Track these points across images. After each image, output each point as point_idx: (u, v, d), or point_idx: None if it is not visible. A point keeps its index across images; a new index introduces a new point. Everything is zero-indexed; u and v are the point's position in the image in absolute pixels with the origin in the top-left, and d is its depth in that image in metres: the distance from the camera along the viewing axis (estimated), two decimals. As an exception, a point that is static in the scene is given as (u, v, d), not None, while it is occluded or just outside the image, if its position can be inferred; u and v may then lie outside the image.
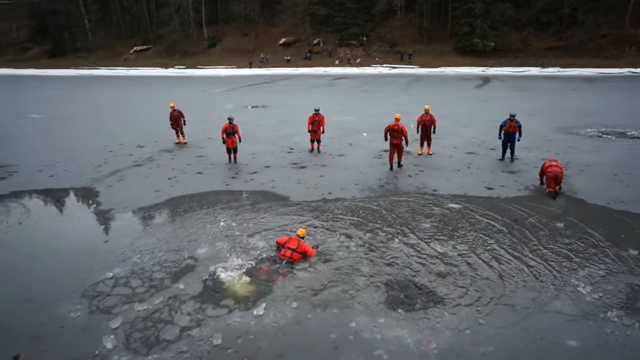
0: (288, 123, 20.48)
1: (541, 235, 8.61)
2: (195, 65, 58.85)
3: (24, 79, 53.04)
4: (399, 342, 5.70)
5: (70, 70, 61.82)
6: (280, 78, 44.71)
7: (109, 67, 62.85)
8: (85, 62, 66.15)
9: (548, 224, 9.13)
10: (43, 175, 13.30)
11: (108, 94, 35.45)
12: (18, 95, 35.04)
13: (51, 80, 49.79)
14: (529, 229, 8.92)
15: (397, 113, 13.64)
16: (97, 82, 46.37)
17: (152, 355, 5.55)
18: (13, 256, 8.30)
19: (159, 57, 64.93)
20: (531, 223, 9.19)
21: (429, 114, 14.07)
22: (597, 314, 6.20)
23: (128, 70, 59.41)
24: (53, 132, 19.89)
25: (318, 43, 57.82)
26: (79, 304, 6.67)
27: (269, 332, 5.97)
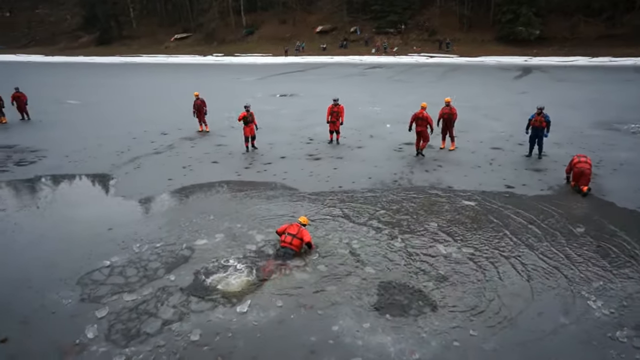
0: (312, 113, 20.21)
1: (557, 241, 7.99)
2: (232, 53, 59.45)
3: (73, 65, 55.39)
4: (380, 350, 5.41)
5: (115, 57, 64.04)
6: (315, 66, 44.40)
7: (151, 54, 64.59)
8: (128, 50, 68.32)
9: (567, 227, 8.48)
10: (68, 161, 13.75)
11: (146, 81, 36.38)
12: (62, 82, 36.58)
13: (96, 67, 51.75)
14: (545, 232, 8.31)
15: (426, 103, 13.13)
16: (138, 69, 47.74)
17: (130, 348, 5.54)
18: (24, 239, 8.57)
19: (198, 44, 66.01)
20: (548, 226, 8.56)
21: (449, 106, 13.37)
22: (605, 332, 5.65)
23: (168, 58, 60.81)
24: (86, 118, 20.56)
25: (355, 31, 56.89)
26: (72, 291, 6.78)
27: (249, 330, 5.83)
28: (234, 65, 50.14)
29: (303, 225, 7.77)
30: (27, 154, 14.62)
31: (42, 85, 33.14)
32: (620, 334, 5.60)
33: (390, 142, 15.01)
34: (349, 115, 19.24)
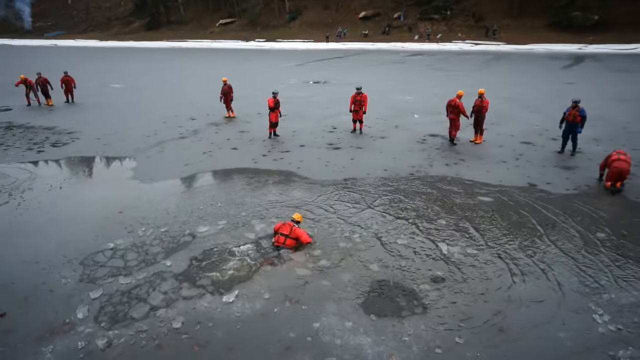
0: (341, 101, 19.88)
1: (573, 246, 7.42)
2: (274, 39, 59.66)
3: (123, 50, 57.63)
4: (357, 352, 5.24)
5: (162, 42, 66.04)
6: (354, 53, 43.74)
7: (196, 39, 66.02)
8: (175, 35, 70.15)
9: (588, 232, 7.85)
10: (98, 143, 14.29)
11: (187, 65, 37.20)
12: (110, 66, 38.11)
13: (144, 52, 53.53)
14: (561, 236, 7.74)
15: (463, 91, 12.83)
16: (182, 54, 48.94)
17: (113, 331, 5.68)
18: (42, 218, 8.98)
19: (242, 30, 66.72)
20: (567, 229, 7.97)
21: (481, 98, 12.68)
22: (606, 350, 5.18)
23: (212, 43, 61.94)
24: (124, 102, 21.30)
25: (398, 17, 55.40)
26: (74, 271, 7.03)
27: (230, 321, 5.81)
28: (274, 50, 50.31)
29: (297, 222, 7.61)
30: (63, 136, 15.33)
31: (91, 69, 34.69)
32: (624, 354, 5.12)
33: (414, 133, 14.51)
34: (378, 104, 18.90)
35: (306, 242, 7.54)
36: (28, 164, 12.33)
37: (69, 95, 21.55)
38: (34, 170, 11.80)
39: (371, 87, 23.47)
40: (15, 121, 17.70)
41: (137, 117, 17.69)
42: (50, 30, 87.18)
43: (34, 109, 20.11)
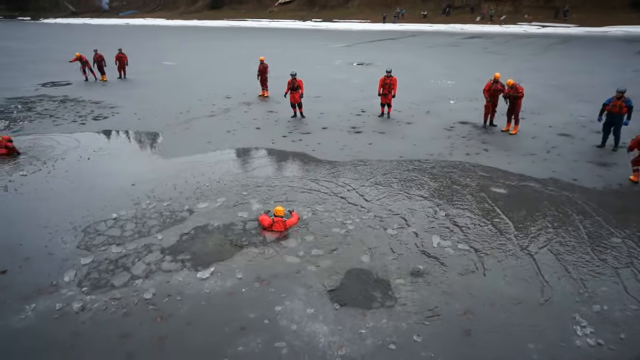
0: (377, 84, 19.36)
1: (577, 249, 6.80)
2: (331, 19, 59.05)
3: (185, 29, 59.71)
4: (309, 339, 5.18)
5: (223, 21, 67.55)
6: (409, 35, 42.29)
7: (255, 18, 66.86)
8: (236, 14, 71.50)
9: (601, 235, 7.15)
10: (134, 118, 15.02)
11: (241, 44, 37.85)
12: (168, 44, 39.67)
13: (203, 31, 55.14)
14: (571, 237, 7.11)
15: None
16: (239, 33, 49.82)
17: (90, 296, 6.02)
18: (63, 187, 9.64)
19: (300, 9, 66.62)
20: (577, 230, 7.31)
21: (514, 87, 11.80)
22: (577, 366, 4.74)
23: (270, 23, 62.43)
24: (170, 79, 22.13)
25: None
26: (74, 237, 7.52)
27: (197, 297, 5.96)
28: (329, 31, 49.84)
29: (282, 216, 7.54)
30: (106, 110, 16.26)
31: (151, 47, 36.33)
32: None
33: (444, 120, 13.86)
34: (416, 88, 18.26)
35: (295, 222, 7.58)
36: (68, 135, 13.22)
37: (122, 71, 22.73)
38: (70, 141, 12.64)
39: (415, 70, 22.74)
40: (70, 95, 18.99)
41: (176, 94, 18.33)
42: (124, 9, 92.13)
43: (89, 84, 21.45)
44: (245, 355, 4.97)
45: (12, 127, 14.26)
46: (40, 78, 22.91)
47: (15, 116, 15.64)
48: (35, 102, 17.74)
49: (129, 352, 5.04)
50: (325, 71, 23.43)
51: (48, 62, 28.46)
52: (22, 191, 9.46)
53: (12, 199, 9.11)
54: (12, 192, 9.41)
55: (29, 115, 15.71)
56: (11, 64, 27.90)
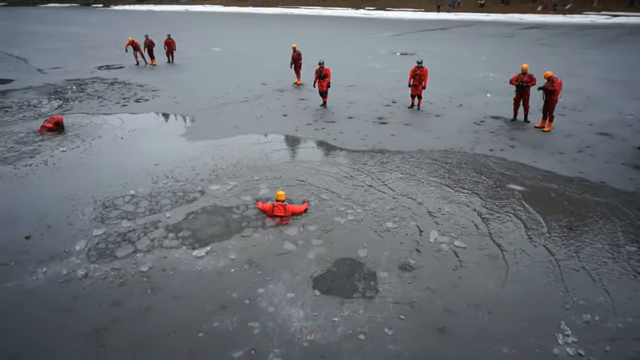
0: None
1: (583, 254, 6.43)
2: (384, 7, 57.95)
3: (239, 15, 60.95)
4: (282, 322, 5.32)
5: (277, 8, 68.17)
6: (462, 24, 40.72)
7: (309, 6, 66.91)
8: (290, 1, 71.81)
9: (615, 242, 6.70)
10: (172, 102, 15.70)
11: (289, 32, 38.13)
12: (218, 31, 40.72)
13: (257, 18, 56.00)
14: (578, 240, 6.73)
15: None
16: (290, 21, 50.17)
17: (94, 265, 6.50)
18: (94, 163, 10.34)
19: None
20: (589, 233, 6.90)
21: (550, 81, 11.16)
22: (547, 374, 4.55)
23: (323, 10, 62.25)
24: (213, 65, 22.82)
25: (524, -17, 49.66)
26: (94, 210, 8.09)
27: (188, 274, 6.26)
28: (379, 19, 48.99)
29: (284, 200, 7.67)
30: (148, 93, 17.10)
31: (202, 33, 37.50)
32: (567, 382, 4.45)
33: (475, 114, 13.37)
34: (454, 79, 17.70)
35: (302, 211, 7.67)
36: (110, 116, 14.08)
37: (170, 56, 23.71)
38: (110, 122, 13.46)
39: (458, 61, 21.98)
40: (120, 78, 20.12)
41: (216, 80, 18.91)
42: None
43: (139, 68, 22.58)
44: (219, 331, 5.19)
45: (64, 107, 15.36)
46: (98, 62, 24.39)
47: (69, 96, 16.83)
48: (88, 83, 18.96)
49: (115, 318, 5.42)
50: (366, 60, 23.20)
51: (108, 47, 30.18)
52: (59, 165, 10.24)
53: (49, 172, 9.90)
54: (50, 166, 10.21)
55: (80, 95, 16.85)
56: (76, 49, 29.85)
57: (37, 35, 35.96)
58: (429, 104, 14.40)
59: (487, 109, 13.75)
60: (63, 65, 23.44)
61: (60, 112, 14.45)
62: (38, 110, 14.96)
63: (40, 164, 10.32)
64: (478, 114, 13.30)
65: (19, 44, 31.52)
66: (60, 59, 24.98)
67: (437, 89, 16.13)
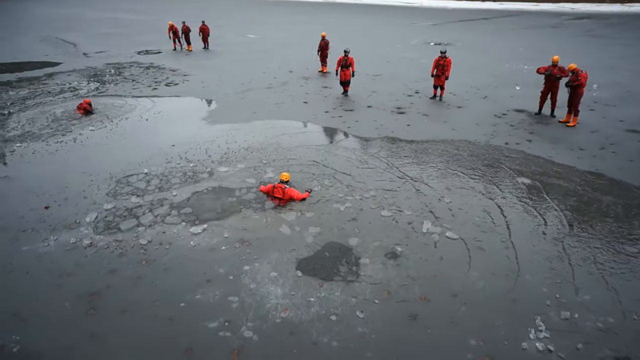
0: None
1: (581, 250, 6.23)
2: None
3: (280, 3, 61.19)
4: (261, 298, 5.54)
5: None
6: (507, 14, 39.11)
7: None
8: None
9: (615, 242, 6.45)
10: (199, 86, 16.19)
11: (328, 21, 38.02)
12: (256, 17, 41.13)
13: (298, 5, 56.05)
14: (577, 239, 6.53)
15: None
16: (335, 9, 49.85)
17: (99, 236, 6.96)
18: (117, 143, 10.91)
19: (398, -15, 64.43)
20: (591, 232, 6.66)
21: (575, 74, 10.68)
22: (511, 366, 4.52)
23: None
24: (245, 51, 23.19)
25: (578, -29, 46.85)
26: (108, 186, 8.61)
27: (182, 249, 6.59)
28: (421, 9, 47.82)
29: (286, 182, 7.84)
30: (179, 77, 17.70)
31: (240, 19, 38.05)
32: (529, 376, 4.41)
33: (499, 106, 12.98)
34: (484, 70, 17.24)
35: (300, 198, 7.83)
36: (140, 98, 14.72)
37: (205, 42, 24.31)
38: (139, 104, 14.09)
39: (493, 52, 21.29)
40: (155, 62, 20.88)
41: (246, 66, 19.26)
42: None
43: (175, 53, 23.32)
44: (200, 302, 5.48)
45: (100, 89, 16.19)
46: (139, 47, 25.35)
47: (106, 79, 17.69)
48: (126, 67, 19.82)
49: (108, 285, 5.83)
50: (398, 50, 22.86)
51: (150, 33, 31.23)
52: (85, 143, 10.89)
53: (76, 149, 10.56)
54: (78, 144, 10.89)
55: (116, 79, 17.67)
56: (121, 34, 31.09)
57: (91, 22, 37.67)
58: (453, 95, 14.11)
59: (513, 102, 13.31)
60: (107, 49, 24.54)
61: (96, 94, 15.25)
62: (77, 92, 15.84)
63: (69, 141, 11.01)
64: (501, 107, 12.91)
65: (74, 29, 33.15)
66: (106, 44, 26.15)
67: (465, 80, 15.75)
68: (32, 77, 18.25)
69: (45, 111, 13.50)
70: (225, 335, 4.98)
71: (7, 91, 15.97)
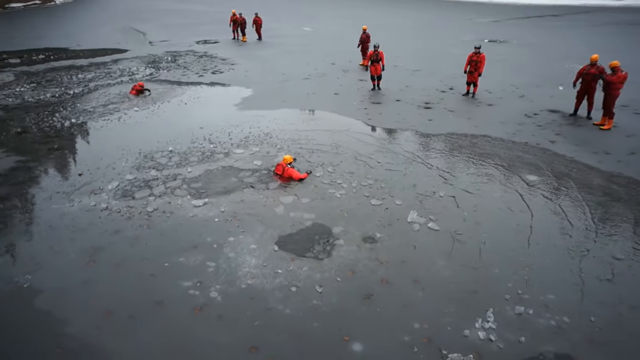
0: (497, 63, 17.90)
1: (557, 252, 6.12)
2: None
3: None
4: (235, 266, 6.05)
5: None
6: (582, 11, 36.55)
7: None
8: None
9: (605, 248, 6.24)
10: (242, 75, 17.04)
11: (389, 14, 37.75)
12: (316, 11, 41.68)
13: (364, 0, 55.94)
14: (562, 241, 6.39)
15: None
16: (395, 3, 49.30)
17: (115, 201, 7.83)
18: (154, 122, 11.95)
19: (468, -20, 62.15)
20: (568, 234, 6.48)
21: (614, 71, 10.11)
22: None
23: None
24: (297, 43, 23.74)
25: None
26: (135, 160, 9.55)
27: (180, 218, 7.26)
28: (486, 4, 45.84)
29: (289, 164, 8.29)
30: (226, 66, 18.70)
31: (301, 12, 38.85)
32: None
33: (533, 106, 12.50)
34: (532, 69, 16.68)
35: (298, 178, 8.29)
36: (186, 84, 15.83)
37: (258, 33, 25.28)
38: (183, 89, 15.17)
39: (547, 50, 20.25)
40: (209, 52, 22.11)
41: (291, 58, 19.86)
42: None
43: (231, 44, 24.46)
44: (181, 264, 6.10)
45: (153, 74, 17.56)
46: (199, 36, 26.84)
47: (162, 66, 19.09)
48: (182, 55, 21.20)
49: (110, 242, 6.64)
50: (447, 46, 22.36)
51: (213, 24, 32.84)
52: (127, 122, 12.03)
53: (118, 126, 11.72)
54: (121, 122, 12.06)
55: (170, 65, 19.02)
56: (187, 25, 33.02)
57: (164, 13, 40.27)
58: (488, 93, 13.76)
59: (550, 102, 12.74)
60: (170, 38, 26.27)
61: (149, 79, 16.58)
62: (134, 76, 17.30)
63: (114, 120, 12.21)
64: (536, 107, 12.43)
65: (147, 20, 35.65)
66: (170, 33, 27.97)
67: (506, 78, 15.26)
68: (101, 62, 20.10)
69: (102, 93, 14.95)
70: (194, 293, 5.55)
71: (77, 74, 17.78)
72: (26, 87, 15.94)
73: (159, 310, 5.30)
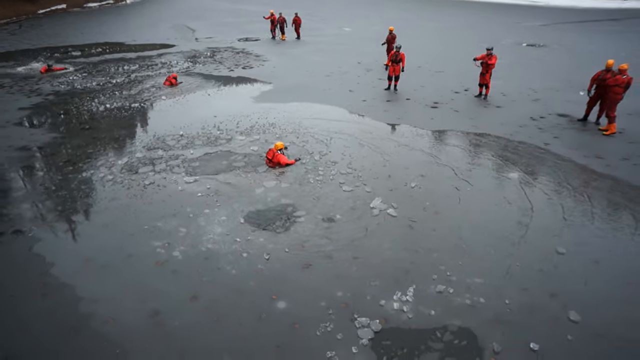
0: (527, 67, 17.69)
1: (505, 242, 6.38)
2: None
3: None
4: (202, 232, 6.84)
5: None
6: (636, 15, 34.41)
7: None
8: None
9: (547, 238, 6.42)
10: (269, 71, 17.92)
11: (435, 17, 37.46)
12: (361, 12, 42.07)
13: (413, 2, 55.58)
14: (518, 228, 6.62)
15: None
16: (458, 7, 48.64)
17: (121, 175, 8.90)
18: (176, 110, 13.06)
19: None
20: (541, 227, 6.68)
21: (609, 72, 9.98)
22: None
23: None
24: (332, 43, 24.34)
25: None
26: (149, 141, 10.64)
27: (170, 192, 8.16)
28: (543, 8, 44.14)
29: (279, 150, 8.99)
30: (257, 62, 19.72)
31: (344, 14, 39.43)
32: (368, 324, 5.03)
33: (543, 109, 12.39)
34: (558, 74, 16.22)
35: (285, 163, 8.99)
36: (215, 77, 16.97)
37: (297, 32, 26.20)
38: (211, 81, 16.29)
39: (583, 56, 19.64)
40: (247, 49, 23.28)
41: (322, 56, 20.52)
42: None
43: (269, 42, 25.53)
44: (157, 228, 6.98)
45: (189, 68, 18.88)
46: (243, 34, 28.18)
47: (199, 60, 20.43)
48: (220, 51, 22.50)
49: (106, 207, 7.67)
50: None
51: (261, 22, 34.23)
52: (153, 109, 13.28)
53: (143, 112, 12.96)
54: (147, 109, 13.31)
55: (207, 60, 20.32)
56: (235, 23, 34.65)
57: (219, 12, 42.28)
58: (502, 95, 13.74)
59: (564, 107, 12.55)
60: (215, 35, 27.77)
61: (185, 72, 17.89)
62: (172, 69, 18.71)
63: (143, 107, 13.48)
64: (545, 110, 12.31)
65: (201, 18, 37.70)
66: (217, 31, 29.54)
67: (527, 82, 15.10)
68: (147, 55, 21.78)
69: (140, 82, 16.39)
70: (160, 251, 6.39)
71: (124, 65, 19.46)
72: (78, 76, 17.73)
73: (128, 262, 6.19)
